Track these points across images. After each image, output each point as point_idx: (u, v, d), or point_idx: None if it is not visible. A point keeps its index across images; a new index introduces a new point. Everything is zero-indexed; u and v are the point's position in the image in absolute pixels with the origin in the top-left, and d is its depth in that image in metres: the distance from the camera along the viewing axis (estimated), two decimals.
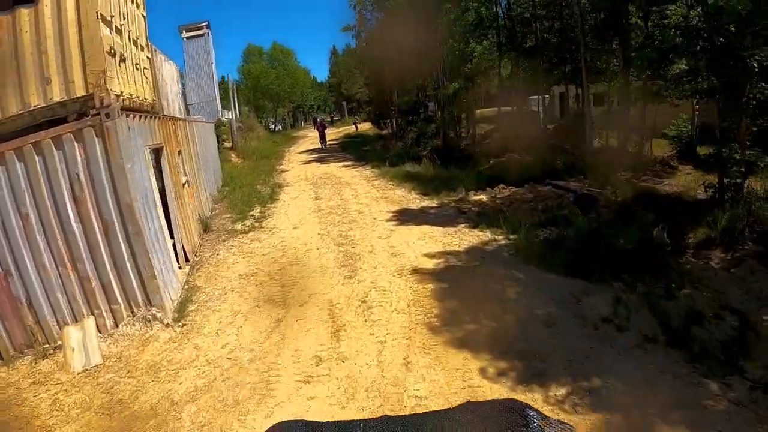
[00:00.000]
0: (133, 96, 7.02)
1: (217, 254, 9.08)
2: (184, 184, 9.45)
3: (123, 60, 6.78)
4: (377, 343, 5.19)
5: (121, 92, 6.37)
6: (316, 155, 26.38)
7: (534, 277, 6.84)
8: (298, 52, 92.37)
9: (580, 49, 18.27)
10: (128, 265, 6.18)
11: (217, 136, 23.54)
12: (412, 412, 4.00)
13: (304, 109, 67.89)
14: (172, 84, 10.60)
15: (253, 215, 11.87)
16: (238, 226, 10.91)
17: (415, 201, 12.03)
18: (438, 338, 5.21)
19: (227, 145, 26.40)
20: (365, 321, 5.70)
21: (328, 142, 31.68)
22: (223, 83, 38.35)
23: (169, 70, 10.32)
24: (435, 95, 24.78)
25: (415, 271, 7.10)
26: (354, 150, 26.59)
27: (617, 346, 5.29)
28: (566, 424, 1.48)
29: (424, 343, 5.13)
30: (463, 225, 9.38)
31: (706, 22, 10.94)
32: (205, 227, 10.85)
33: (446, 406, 2.30)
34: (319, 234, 9.54)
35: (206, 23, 32.97)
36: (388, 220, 10.19)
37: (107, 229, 6.02)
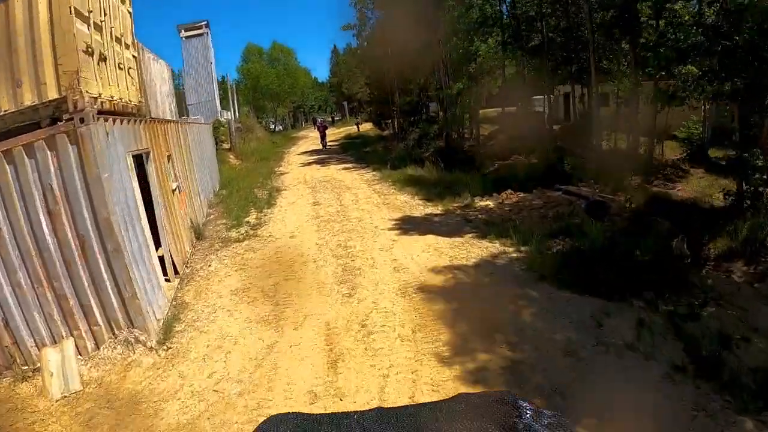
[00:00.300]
0: (115, 98, 6.47)
1: (209, 265, 8.54)
2: (174, 190, 8.91)
3: (103, 59, 6.24)
4: (379, 377, 4.64)
5: (100, 94, 5.82)
6: (316, 156, 25.84)
7: (549, 297, 6.30)
8: (298, 51, 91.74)
9: (588, 48, 17.74)
10: (107, 284, 5.67)
11: (215, 137, 23.08)
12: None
13: (305, 110, 67.29)
14: (162, 84, 10.06)
15: (248, 222, 11.33)
16: (233, 234, 10.38)
17: (418, 207, 11.46)
18: (448, 372, 4.66)
19: (225, 146, 25.91)
20: (366, 349, 5.15)
21: (328, 143, 31.32)
22: (223, 83, 37.90)
23: (158, 70, 9.77)
24: (437, 95, 24.23)
25: (421, 288, 6.54)
26: (355, 151, 26.05)
27: (644, 377, 4.76)
28: (559, 415, 1.49)
29: (432, 378, 4.57)
30: (470, 235, 8.82)
31: (725, 20, 10.41)
32: (198, 235, 10.33)
33: None
34: (316, 244, 8.98)
35: (205, 22, 32.58)
36: (390, 229, 9.63)
37: (84, 245, 5.50)
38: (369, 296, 6.44)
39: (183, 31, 32.14)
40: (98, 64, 6.03)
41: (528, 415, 1.29)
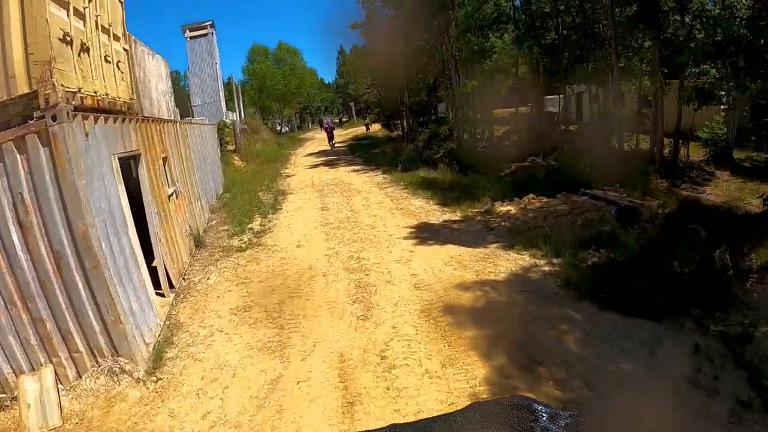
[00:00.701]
0: (99, 93, 5.73)
1: (208, 278, 7.79)
2: (170, 196, 8.17)
3: (86, 50, 5.50)
4: None
5: (79, 89, 5.09)
6: (324, 158, 25.09)
7: (593, 320, 5.50)
8: (304, 53, 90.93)
9: (604, 46, 16.93)
10: (87, 306, 4.96)
11: (220, 139, 22.49)
12: None
13: (312, 111, 66.58)
14: (158, 81, 9.31)
15: (252, 228, 10.57)
16: (235, 242, 9.63)
17: (434, 213, 10.62)
18: None
19: (230, 147, 25.32)
20: (387, 389, 4.33)
21: (336, 144, 30.78)
22: (228, 84, 37.39)
23: (154, 65, 9.02)
24: (447, 95, 23.42)
25: (447, 310, 5.70)
26: (363, 152, 25.24)
27: (709, 417, 4.15)
28: (574, 414, 1.54)
29: None
30: (494, 245, 7.98)
31: (765, 12, 9.56)
32: (198, 242, 9.59)
33: None
34: (326, 255, 8.18)
35: (210, 22, 32.23)
36: (405, 238, 8.81)
37: (59, 262, 4.79)
38: (388, 319, 5.61)
39: (188, 31, 31.77)
40: (79, 54, 5.30)
41: (544, 418, 1.34)
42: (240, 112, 37.09)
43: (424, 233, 8.97)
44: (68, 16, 5.15)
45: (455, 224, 9.57)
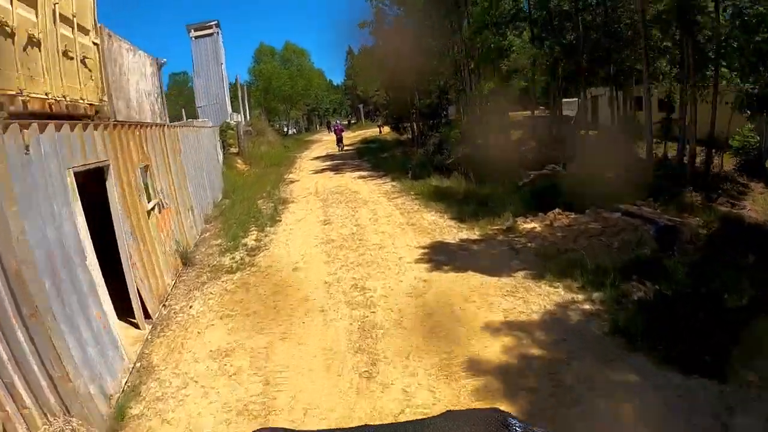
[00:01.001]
0: (53, 96, 4.74)
1: (190, 307, 6.81)
2: (150, 210, 7.20)
3: (35, 44, 4.52)
4: None
5: (21, 90, 4.10)
6: (330, 162, 24.08)
7: (648, 379, 4.43)
8: (312, 54, 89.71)
9: (635, 44, 15.83)
10: (30, 358, 3.99)
11: (222, 141, 21.65)
12: None
13: (319, 112, 65.58)
14: (140, 79, 8.29)
15: (246, 244, 9.54)
16: (226, 261, 8.63)
17: (450, 230, 9.50)
18: None
19: (233, 150, 24.39)
20: None
21: (344, 148, 30.35)
22: (234, 85, 36.57)
23: (135, 62, 8.01)
24: (458, 97, 22.38)
25: (471, 366, 4.58)
26: (371, 157, 24.20)
27: None
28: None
29: None
30: (521, 273, 6.88)
31: None
32: (186, 260, 8.62)
33: None
34: (325, 283, 7.11)
35: (215, 22, 31.59)
36: (418, 261, 7.73)
37: None
38: (397, 378, 4.52)
39: (192, 30, 31.11)
40: (24, 49, 4.31)
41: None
42: (245, 114, 36.27)
43: (440, 255, 7.88)
44: (10, 3, 4.18)
45: (474, 244, 8.47)
